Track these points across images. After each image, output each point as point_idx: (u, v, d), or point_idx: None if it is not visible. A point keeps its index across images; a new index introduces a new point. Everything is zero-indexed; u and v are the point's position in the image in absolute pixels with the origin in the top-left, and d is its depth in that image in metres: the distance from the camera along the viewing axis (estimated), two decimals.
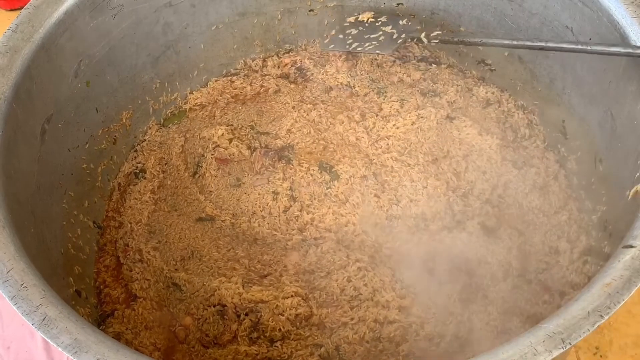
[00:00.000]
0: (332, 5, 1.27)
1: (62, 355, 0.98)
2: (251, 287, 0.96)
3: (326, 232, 1.03)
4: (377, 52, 1.15)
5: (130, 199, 1.13)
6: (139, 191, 1.13)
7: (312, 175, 1.10)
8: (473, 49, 1.22)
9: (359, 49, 1.18)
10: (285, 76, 1.29)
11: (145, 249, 1.04)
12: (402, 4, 1.24)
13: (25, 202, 0.84)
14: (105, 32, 1.04)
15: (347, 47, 1.20)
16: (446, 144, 1.13)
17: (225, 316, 0.95)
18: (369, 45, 1.16)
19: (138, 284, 1.01)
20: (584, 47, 0.87)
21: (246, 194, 1.10)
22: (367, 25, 1.20)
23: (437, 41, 1.05)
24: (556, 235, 1.01)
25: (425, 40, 1.05)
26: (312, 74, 1.28)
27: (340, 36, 1.22)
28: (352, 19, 1.22)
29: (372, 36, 1.18)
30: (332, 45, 1.23)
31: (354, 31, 1.21)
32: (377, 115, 1.19)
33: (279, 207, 1.07)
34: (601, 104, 0.95)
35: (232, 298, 0.95)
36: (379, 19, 1.19)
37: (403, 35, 1.12)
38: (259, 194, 1.09)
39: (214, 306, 0.96)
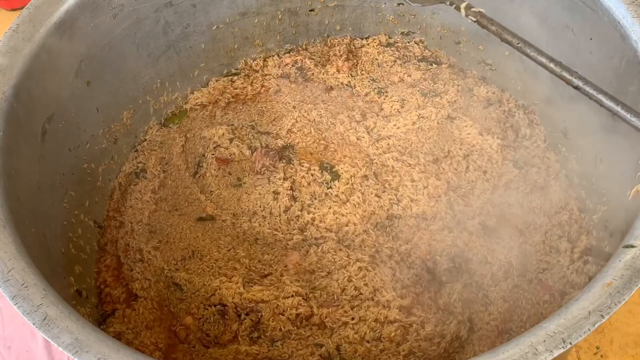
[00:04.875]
0: (333, 5, 1.27)
1: (63, 354, 0.98)
2: (252, 286, 0.96)
3: (327, 231, 1.03)
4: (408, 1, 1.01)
5: (131, 198, 1.13)
6: (140, 191, 1.13)
7: (312, 175, 1.10)
8: (473, 49, 1.22)
9: None
10: (286, 76, 1.29)
11: (146, 249, 1.04)
12: (402, 3, 1.24)
13: (26, 202, 0.84)
14: (106, 32, 1.04)
15: None
16: (447, 144, 1.13)
17: (225, 316, 0.95)
18: None
19: (139, 284, 1.01)
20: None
21: (247, 193, 1.10)
22: None
23: (474, 19, 0.95)
24: (557, 235, 1.01)
25: (463, 11, 0.97)
26: (313, 74, 1.28)
27: None
28: None
29: None
30: None
31: None
32: (377, 115, 1.19)
33: (279, 207, 1.07)
34: None
35: (233, 298, 0.95)
36: None
37: None
38: (259, 194, 1.09)
39: (215, 306, 0.96)
